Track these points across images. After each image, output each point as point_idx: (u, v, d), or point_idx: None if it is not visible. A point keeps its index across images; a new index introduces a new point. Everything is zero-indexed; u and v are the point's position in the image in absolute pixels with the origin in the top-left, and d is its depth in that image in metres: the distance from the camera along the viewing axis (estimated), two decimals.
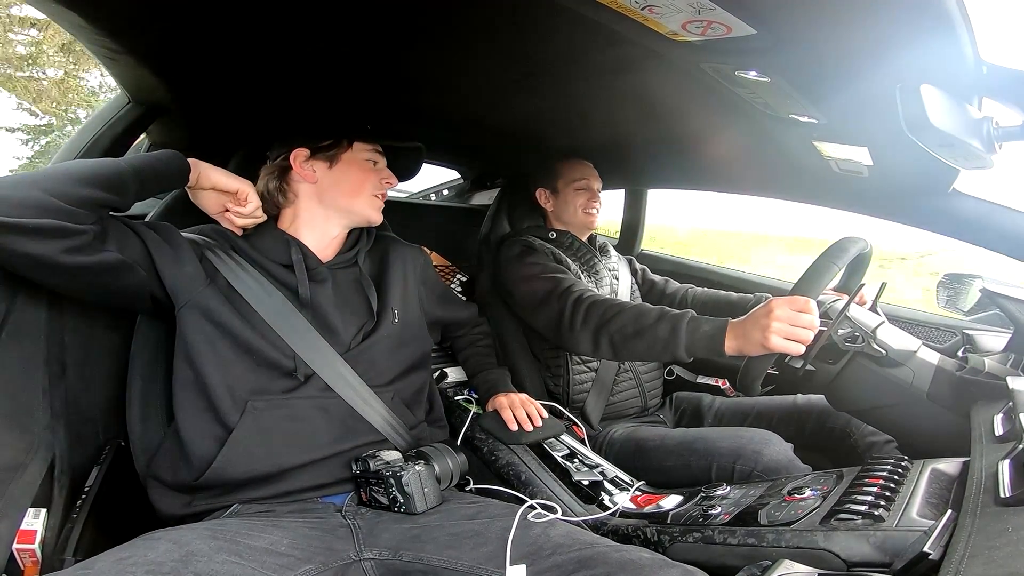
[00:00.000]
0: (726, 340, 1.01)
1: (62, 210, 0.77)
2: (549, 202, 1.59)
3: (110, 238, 0.85)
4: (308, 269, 1.01)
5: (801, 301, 0.95)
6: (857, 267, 1.21)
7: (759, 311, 0.97)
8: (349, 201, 1.07)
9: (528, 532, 0.80)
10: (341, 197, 1.07)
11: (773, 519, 0.83)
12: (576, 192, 1.56)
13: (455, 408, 1.31)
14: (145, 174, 0.88)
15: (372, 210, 1.10)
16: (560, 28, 0.84)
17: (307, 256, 1.03)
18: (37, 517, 0.88)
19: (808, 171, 1.26)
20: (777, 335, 0.94)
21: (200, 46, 1.00)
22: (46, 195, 0.77)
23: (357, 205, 1.08)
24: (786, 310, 0.94)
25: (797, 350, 0.95)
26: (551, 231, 1.56)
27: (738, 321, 1.01)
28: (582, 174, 1.57)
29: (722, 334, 1.01)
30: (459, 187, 2.45)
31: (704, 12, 0.65)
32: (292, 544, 0.78)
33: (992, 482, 0.66)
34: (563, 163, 1.58)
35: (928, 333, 1.56)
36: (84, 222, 0.80)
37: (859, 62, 0.75)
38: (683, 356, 1.07)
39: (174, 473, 0.92)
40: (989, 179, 0.99)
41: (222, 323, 0.93)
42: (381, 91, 1.25)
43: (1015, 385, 0.85)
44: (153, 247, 0.91)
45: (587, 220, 1.57)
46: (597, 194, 1.59)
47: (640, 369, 1.52)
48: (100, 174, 0.83)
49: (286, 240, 1.03)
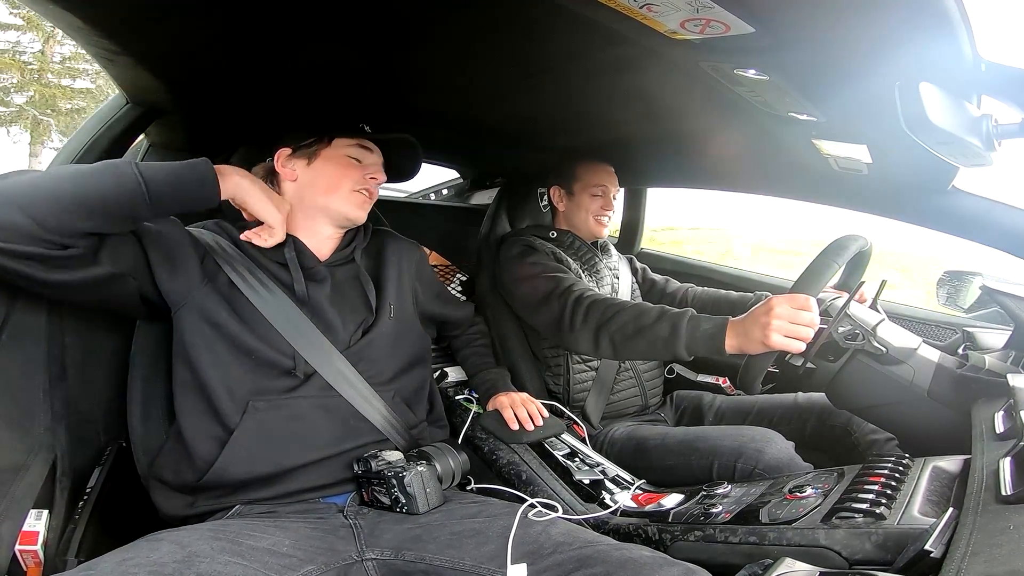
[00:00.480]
0: (727, 339, 1.00)
1: (50, 241, 0.73)
2: (562, 202, 1.58)
3: (103, 251, 0.81)
4: (306, 268, 1.01)
5: (801, 299, 0.95)
6: (857, 265, 1.21)
7: (759, 309, 0.97)
8: (326, 199, 1.05)
9: (529, 531, 0.80)
10: (319, 195, 1.05)
11: (774, 517, 0.83)
12: (592, 197, 1.54)
13: (456, 408, 1.31)
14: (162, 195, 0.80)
15: (352, 207, 1.06)
16: (559, 28, 0.84)
17: (303, 255, 1.02)
18: (39, 518, 0.88)
19: (807, 169, 1.26)
20: (777, 333, 0.94)
21: (199, 46, 1.00)
22: (32, 223, 0.71)
23: (335, 202, 1.05)
24: (786, 308, 0.94)
25: (797, 348, 0.95)
26: (552, 231, 1.55)
27: (738, 319, 1.01)
28: (601, 180, 1.55)
29: (722, 333, 1.01)
30: (459, 187, 2.45)
31: (702, 11, 0.65)
32: (294, 545, 0.78)
33: (993, 480, 0.66)
34: (583, 165, 1.56)
35: (928, 330, 1.56)
36: (73, 247, 0.76)
37: (858, 60, 0.75)
38: (683, 355, 1.07)
39: (176, 474, 0.92)
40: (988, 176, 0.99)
41: (220, 324, 0.93)
42: (381, 91, 1.25)
43: (1016, 382, 0.85)
44: (151, 249, 0.88)
45: (596, 229, 1.56)
46: (612, 201, 1.57)
47: (640, 368, 1.52)
48: (101, 198, 0.76)
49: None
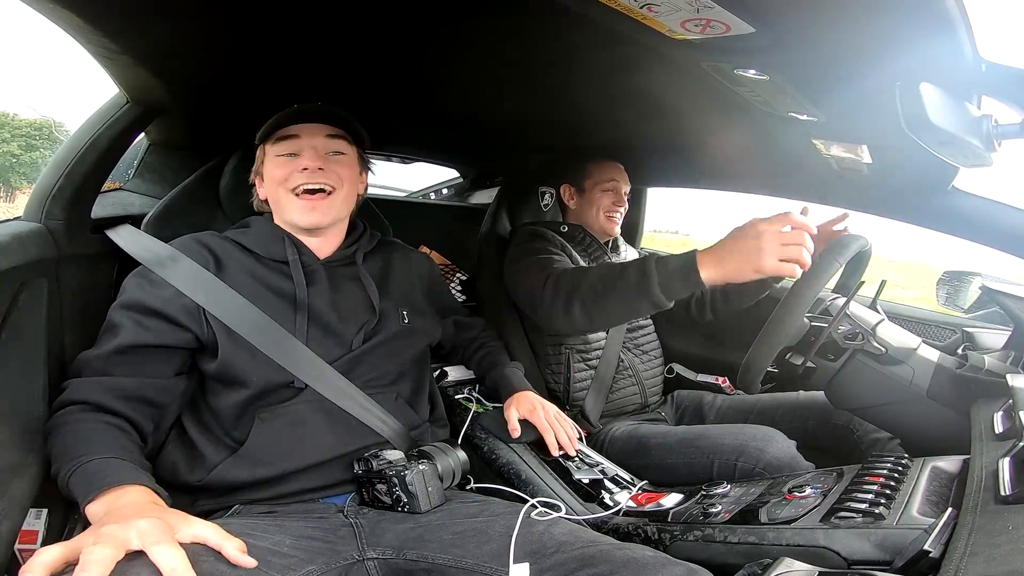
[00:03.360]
0: (702, 269, 0.94)
1: None
2: (573, 199, 1.59)
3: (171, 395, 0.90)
4: (304, 266, 1.00)
5: (784, 215, 0.89)
6: (857, 265, 1.22)
7: (744, 232, 0.91)
8: (278, 211, 1.01)
9: (531, 530, 0.80)
10: (278, 213, 1.01)
11: (774, 517, 0.83)
12: (602, 193, 1.55)
13: (455, 407, 1.31)
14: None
15: (295, 212, 0.98)
16: (559, 27, 0.84)
17: (303, 253, 1.01)
18: (39, 517, 0.88)
19: (807, 169, 1.26)
20: (771, 255, 0.87)
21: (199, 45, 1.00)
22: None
23: (284, 213, 1.00)
24: (774, 225, 0.88)
25: (792, 271, 0.88)
26: (564, 224, 1.56)
27: (711, 247, 0.95)
28: (611, 176, 1.56)
29: (694, 262, 0.95)
30: (459, 186, 2.45)
31: (703, 11, 0.65)
32: (295, 545, 0.78)
33: (992, 480, 0.66)
34: (593, 163, 1.57)
35: (928, 331, 1.56)
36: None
37: (858, 60, 0.75)
38: (660, 297, 1.00)
39: (177, 476, 0.91)
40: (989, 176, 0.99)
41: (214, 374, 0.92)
42: (381, 91, 1.24)
43: (1015, 383, 0.86)
44: (173, 340, 0.91)
45: (607, 225, 1.56)
46: (624, 198, 1.57)
47: (640, 367, 1.53)
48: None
49: (281, 237, 1.01)
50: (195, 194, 1.20)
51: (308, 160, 0.97)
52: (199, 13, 0.87)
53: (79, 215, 1.07)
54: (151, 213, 1.14)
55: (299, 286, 0.98)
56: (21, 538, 0.85)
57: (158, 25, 0.88)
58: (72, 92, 72.27)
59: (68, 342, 1.00)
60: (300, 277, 0.98)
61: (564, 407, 1.40)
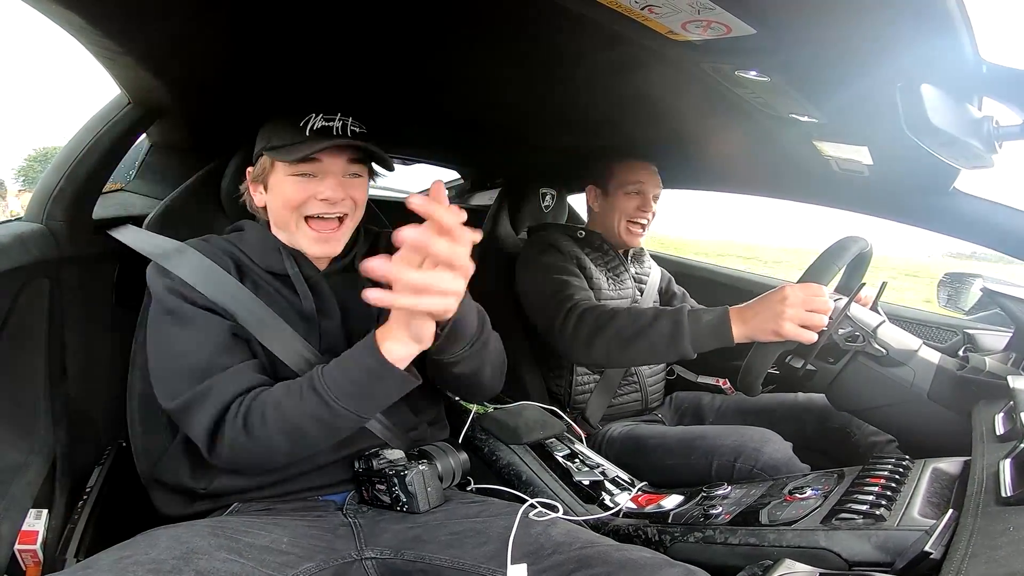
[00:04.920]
0: (733, 327, 0.98)
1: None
2: (596, 202, 1.48)
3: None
4: (307, 278, 0.95)
5: (814, 287, 0.94)
6: (857, 266, 1.21)
7: (772, 296, 0.96)
8: (281, 229, 0.94)
9: (529, 531, 0.80)
10: (280, 230, 0.94)
11: (774, 519, 0.83)
12: (626, 197, 1.41)
13: (455, 408, 1.31)
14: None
15: (305, 242, 0.92)
16: (560, 28, 0.84)
17: (303, 265, 0.96)
18: (39, 518, 0.88)
19: (808, 171, 1.26)
20: (791, 322, 0.92)
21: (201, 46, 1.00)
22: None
23: (290, 236, 0.93)
24: (800, 295, 0.93)
25: (810, 337, 0.93)
26: (581, 229, 1.47)
27: (743, 306, 0.99)
28: (637, 177, 1.41)
29: (727, 321, 0.99)
30: (459, 187, 2.45)
31: (704, 12, 0.65)
32: (292, 542, 0.78)
33: (993, 482, 0.66)
34: (618, 162, 1.44)
35: (929, 332, 1.56)
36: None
37: (859, 61, 0.75)
38: (689, 351, 1.02)
39: (180, 481, 0.91)
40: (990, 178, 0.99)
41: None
42: (381, 91, 1.25)
43: (1016, 384, 0.85)
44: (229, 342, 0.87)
45: (628, 237, 1.43)
46: (651, 203, 1.42)
47: (644, 372, 1.51)
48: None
49: (277, 248, 0.95)
50: (196, 195, 1.19)
51: (329, 190, 0.89)
52: (201, 13, 0.87)
53: (80, 216, 1.07)
54: (152, 214, 1.14)
55: (304, 298, 0.94)
56: (21, 538, 0.85)
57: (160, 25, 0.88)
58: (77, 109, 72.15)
59: (69, 343, 1.00)
60: (304, 289, 0.94)
61: (565, 409, 1.40)
